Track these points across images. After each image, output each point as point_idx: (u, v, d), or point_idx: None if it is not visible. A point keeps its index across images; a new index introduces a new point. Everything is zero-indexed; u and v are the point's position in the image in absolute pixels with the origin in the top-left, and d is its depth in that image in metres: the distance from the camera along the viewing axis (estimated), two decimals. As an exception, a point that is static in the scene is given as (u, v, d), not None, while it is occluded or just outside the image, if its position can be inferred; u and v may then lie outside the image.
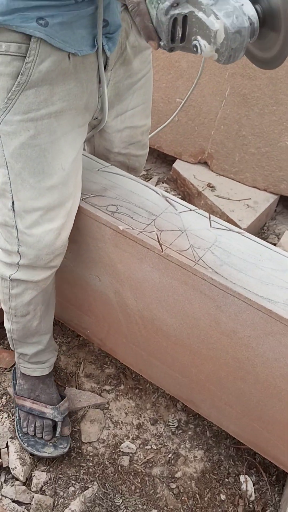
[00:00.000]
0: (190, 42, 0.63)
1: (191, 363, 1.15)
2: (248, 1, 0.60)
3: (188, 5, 0.58)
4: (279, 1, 0.59)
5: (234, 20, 0.58)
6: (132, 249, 1.03)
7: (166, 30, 0.60)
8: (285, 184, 1.93)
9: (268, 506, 1.24)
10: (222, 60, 0.64)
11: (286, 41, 0.61)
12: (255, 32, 0.61)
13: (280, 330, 0.90)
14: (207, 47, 0.61)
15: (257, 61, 0.70)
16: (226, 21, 0.58)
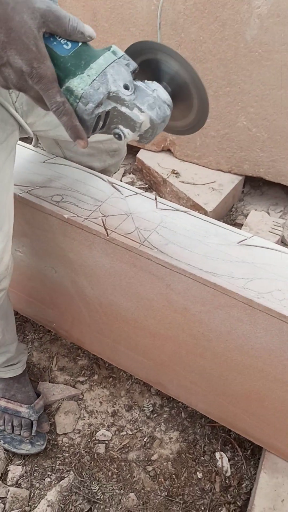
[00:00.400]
0: (110, 130, 0.67)
1: (153, 345, 1.16)
2: (159, 86, 0.64)
3: (110, 102, 0.61)
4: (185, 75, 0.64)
5: (158, 111, 0.63)
6: (79, 237, 1.04)
7: (89, 126, 0.62)
8: (248, 164, 1.94)
9: (244, 480, 1.26)
10: (144, 142, 0.69)
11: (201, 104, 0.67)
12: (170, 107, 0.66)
13: (227, 303, 0.91)
14: (130, 134, 0.66)
15: (177, 131, 0.74)
16: (151, 113, 0.63)
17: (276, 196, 2.14)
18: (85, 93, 0.60)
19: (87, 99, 0.60)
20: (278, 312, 0.84)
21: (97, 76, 0.59)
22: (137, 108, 0.63)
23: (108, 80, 0.60)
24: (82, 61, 0.60)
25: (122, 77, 0.61)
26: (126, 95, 0.62)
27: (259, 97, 1.72)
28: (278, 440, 1.11)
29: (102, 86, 0.60)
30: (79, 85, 0.59)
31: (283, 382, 0.95)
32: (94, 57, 0.61)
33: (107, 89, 0.60)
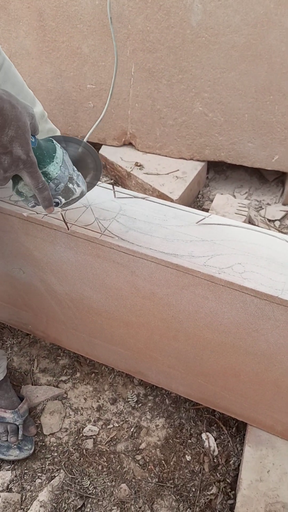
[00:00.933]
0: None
1: (127, 334, 1.17)
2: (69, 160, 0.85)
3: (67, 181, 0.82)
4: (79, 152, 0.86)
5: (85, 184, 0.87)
6: (41, 234, 1.04)
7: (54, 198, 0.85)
8: (209, 150, 1.96)
9: (231, 457, 1.27)
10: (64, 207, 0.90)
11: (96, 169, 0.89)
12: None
13: (190, 282, 0.92)
14: (63, 201, 0.85)
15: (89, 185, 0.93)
16: (83, 187, 0.86)
17: (240, 179, 2.17)
18: (59, 176, 0.79)
19: (59, 180, 0.80)
20: (239, 285, 0.85)
21: (61, 163, 0.79)
22: (76, 185, 0.84)
23: (67, 165, 0.80)
24: (44, 151, 0.78)
25: (69, 162, 0.82)
26: (74, 175, 0.83)
27: (211, 81, 1.74)
28: (258, 413, 1.13)
29: (66, 170, 0.80)
30: (53, 171, 0.78)
31: (254, 355, 0.97)
32: (51, 148, 0.79)
33: (69, 172, 0.81)
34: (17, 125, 0.68)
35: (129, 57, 1.80)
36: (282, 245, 0.92)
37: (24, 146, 0.70)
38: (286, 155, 1.85)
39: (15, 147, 0.69)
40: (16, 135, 0.68)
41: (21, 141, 0.69)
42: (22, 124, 0.69)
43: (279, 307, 0.85)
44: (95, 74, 1.91)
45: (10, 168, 0.72)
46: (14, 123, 0.68)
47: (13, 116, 0.67)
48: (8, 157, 0.70)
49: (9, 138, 0.68)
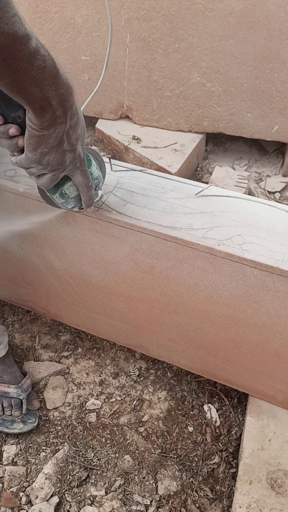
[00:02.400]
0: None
1: (127, 308, 1.17)
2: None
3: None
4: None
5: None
6: (38, 209, 1.03)
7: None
8: (207, 121, 1.93)
9: (233, 427, 1.29)
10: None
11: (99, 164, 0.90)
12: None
13: (190, 255, 0.91)
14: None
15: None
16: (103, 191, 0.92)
17: (240, 151, 2.14)
18: (99, 176, 0.84)
19: (99, 180, 0.84)
20: (239, 256, 0.84)
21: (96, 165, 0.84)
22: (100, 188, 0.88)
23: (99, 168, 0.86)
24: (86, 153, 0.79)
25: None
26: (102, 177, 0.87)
27: (209, 50, 1.70)
28: (259, 383, 1.13)
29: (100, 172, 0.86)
30: (95, 171, 0.83)
31: (255, 326, 0.97)
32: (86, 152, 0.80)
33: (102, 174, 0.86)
34: (83, 124, 0.71)
35: (124, 26, 1.75)
36: (282, 215, 0.91)
37: (83, 144, 0.73)
38: (286, 125, 1.82)
39: (79, 145, 0.71)
40: (81, 133, 0.71)
41: (82, 139, 0.72)
42: (83, 123, 0.71)
43: (279, 278, 0.84)
44: (90, 45, 1.86)
45: (70, 166, 0.73)
46: (81, 122, 0.70)
47: (80, 115, 0.69)
48: (72, 155, 0.71)
49: (77, 136, 0.70)
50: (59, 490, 1.19)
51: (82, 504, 1.17)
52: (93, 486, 1.20)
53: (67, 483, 1.20)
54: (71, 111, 0.65)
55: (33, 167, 0.72)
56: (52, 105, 0.62)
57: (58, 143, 0.67)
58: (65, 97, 0.63)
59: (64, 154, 0.70)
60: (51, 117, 0.63)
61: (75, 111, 0.67)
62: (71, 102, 0.65)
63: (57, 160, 0.70)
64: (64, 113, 0.64)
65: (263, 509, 1.02)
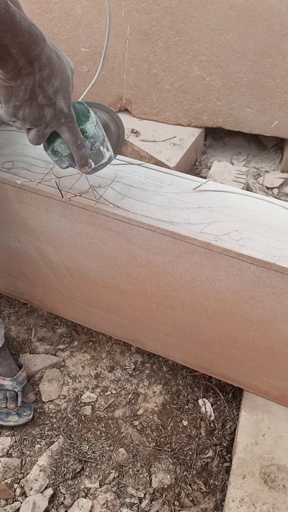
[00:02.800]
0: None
1: (124, 302, 1.17)
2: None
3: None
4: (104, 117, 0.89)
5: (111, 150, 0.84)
6: (36, 202, 1.02)
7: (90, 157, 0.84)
8: (206, 115, 1.92)
9: (227, 422, 1.29)
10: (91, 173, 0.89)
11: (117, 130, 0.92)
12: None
13: (187, 250, 0.91)
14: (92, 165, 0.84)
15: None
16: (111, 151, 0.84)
17: (238, 146, 2.14)
18: (95, 135, 0.78)
19: (95, 138, 0.79)
20: (236, 252, 0.84)
21: (96, 122, 0.78)
22: (106, 148, 0.82)
23: (100, 126, 0.80)
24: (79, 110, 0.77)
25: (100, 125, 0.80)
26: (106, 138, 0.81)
27: (209, 43, 1.69)
28: (254, 378, 1.14)
29: (100, 130, 0.80)
30: (90, 129, 0.77)
31: (251, 321, 0.97)
32: (83, 107, 0.78)
33: (103, 133, 0.80)
34: (62, 77, 0.67)
35: (124, 18, 1.74)
36: (280, 211, 0.91)
37: (67, 99, 0.69)
38: (286, 120, 1.82)
39: (59, 99, 0.68)
40: (60, 87, 0.67)
41: (64, 93, 0.68)
42: (66, 76, 0.68)
43: (276, 274, 0.84)
44: (89, 37, 1.85)
45: (52, 122, 0.70)
46: (60, 74, 0.67)
47: (59, 67, 0.66)
48: (51, 110, 0.69)
49: (54, 89, 0.67)
50: (54, 482, 1.19)
51: (76, 496, 1.17)
52: (87, 479, 1.21)
53: (61, 475, 1.21)
54: (40, 62, 0.62)
55: (14, 121, 0.70)
56: (12, 54, 0.59)
57: (30, 96, 0.65)
58: (27, 46, 0.59)
59: (41, 108, 0.68)
60: (14, 67, 0.60)
61: (47, 62, 0.63)
62: (37, 52, 0.61)
63: (33, 115, 0.68)
64: (29, 63, 0.61)
65: (255, 503, 1.03)
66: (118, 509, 1.15)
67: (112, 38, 1.82)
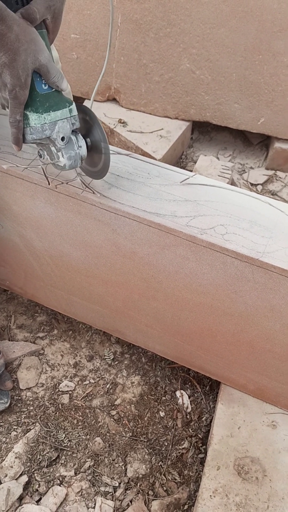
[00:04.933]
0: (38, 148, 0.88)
1: (106, 292, 1.17)
2: (84, 143, 0.88)
3: (47, 140, 0.84)
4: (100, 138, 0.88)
5: (72, 162, 0.87)
6: (21, 187, 1.01)
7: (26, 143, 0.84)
8: (194, 109, 1.92)
9: (203, 414, 1.31)
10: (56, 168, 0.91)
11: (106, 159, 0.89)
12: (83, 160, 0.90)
13: (172, 242, 0.91)
14: (48, 160, 0.88)
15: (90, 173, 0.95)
16: (66, 162, 0.86)
17: (224, 141, 2.15)
18: (34, 127, 0.81)
19: (33, 131, 0.81)
20: (220, 246, 0.85)
21: (49, 123, 0.81)
22: (61, 154, 0.85)
23: (54, 129, 0.82)
24: (47, 103, 0.80)
25: (64, 131, 0.83)
26: (59, 143, 0.84)
27: (200, 37, 1.68)
28: (232, 372, 1.15)
29: (48, 130, 0.82)
30: (34, 120, 0.80)
31: (232, 316, 0.98)
32: (56, 106, 0.81)
33: (49, 134, 0.82)
34: (13, 57, 0.73)
35: (116, 6, 1.72)
36: (265, 207, 0.92)
37: (13, 77, 0.74)
38: (272, 118, 1.83)
39: (5, 73, 0.74)
40: (8, 64, 0.73)
41: (11, 71, 0.73)
42: (19, 59, 0.73)
43: (259, 270, 0.85)
44: (80, 23, 1.83)
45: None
46: (10, 53, 0.72)
47: (12, 47, 0.72)
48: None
49: (1, 62, 0.73)
50: (29, 470, 1.19)
51: (51, 484, 1.17)
52: (62, 467, 1.21)
53: (37, 462, 1.20)
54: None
55: None
56: None
57: None
58: None
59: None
60: None
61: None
62: None
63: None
64: None
65: (229, 494, 1.05)
66: (93, 498, 1.16)
67: (103, 26, 1.80)
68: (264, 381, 1.12)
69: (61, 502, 1.14)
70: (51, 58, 0.79)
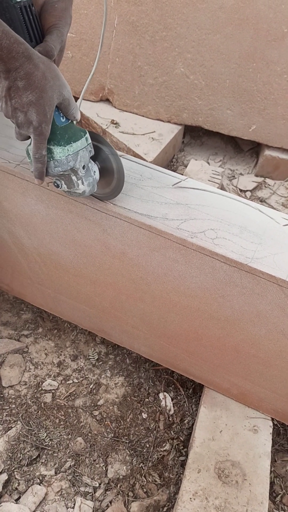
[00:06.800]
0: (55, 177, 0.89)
1: (94, 292, 1.17)
2: (97, 168, 0.90)
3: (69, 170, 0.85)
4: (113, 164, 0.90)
5: (91, 188, 0.89)
6: (13, 184, 1.01)
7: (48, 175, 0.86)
8: (187, 113, 1.93)
9: (186, 417, 1.32)
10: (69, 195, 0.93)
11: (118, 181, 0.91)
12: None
13: (162, 244, 0.92)
14: (65, 188, 0.89)
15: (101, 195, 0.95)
16: (87, 188, 0.88)
17: (215, 146, 2.16)
18: (59, 160, 0.82)
19: (58, 164, 0.83)
20: (210, 251, 0.86)
21: (72, 154, 0.83)
22: (81, 181, 0.87)
23: (77, 159, 0.84)
24: (67, 135, 0.82)
25: (84, 160, 0.86)
26: (81, 172, 0.86)
27: (195, 42, 1.70)
28: (216, 376, 1.16)
29: (72, 161, 0.83)
30: (58, 153, 0.82)
31: (218, 320, 0.99)
32: (75, 136, 0.84)
33: (73, 164, 0.84)
34: (40, 94, 0.74)
35: (113, 7, 1.73)
36: (255, 214, 0.93)
37: (39, 115, 0.75)
38: (264, 125, 1.85)
39: (31, 111, 0.75)
40: (35, 102, 0.74)
41: (38, 109, 0.74)
42: (46, 96, 0.74)
43: (247, 275, 0.86)
44: (76, 23, 1.83)
45: (23, 127, 0.77)
46: (38, 92, 0.73)
47: (39, 85, 0.73)
48: (22, 115, 0.76)
49: (28, 101, 0.74)
50: (9, 468, 1.18)
51: (31, 482, 1.17)
52: (43, 466, 1.20)
53: (17, 461, 1.20)
54: (16, 73, 0.71)
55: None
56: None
57: (5, 95, 0.74)
58: (5, 59, 0.69)
59: (14, 110, 0.76)
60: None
61: (24, 76, 0.71)
62: (14, 66, 0.70)
63: (7, 111, 0.76)
64: (7, 71, 0.71)
65: (208, 497, 1.05)
66: (72, 498, 1.15)
67: (98, 26, 1.80)
68: (248, 386, 1.13)
69: (40, 501, 1.13)
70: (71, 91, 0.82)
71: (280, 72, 1.68)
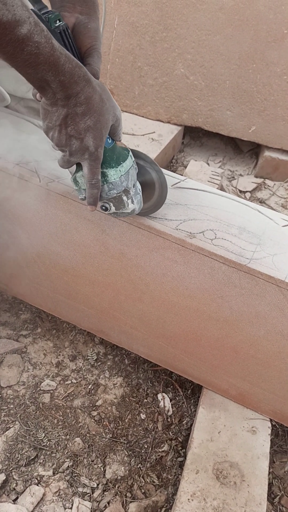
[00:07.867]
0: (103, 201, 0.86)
1: (92, 292, 1.17)
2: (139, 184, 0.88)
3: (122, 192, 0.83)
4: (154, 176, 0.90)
5: (140, 205, 0.88)
6: (12, 184, 1.01)
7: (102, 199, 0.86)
8: (187, 114, 1.93)
9: (184, 417, 1.31)
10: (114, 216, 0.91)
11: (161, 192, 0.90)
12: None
13: (161, 245, 0.92)
14: (113, 210, 0.86)
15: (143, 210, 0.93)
16: (136, 206, 0.86)
17: (215, 147, 2.16)
18: (114, 182, 0.81)
19: (113, 186, 0.82)
20: (209, 251, 0.86)
21: (124, 174, 0.82)
22: (131, 200, 0.85)
23: (128, 178, 0.83)
24: (115, 156, 0.81)
25: (134, 178, 0.85)
26: (132, 191, 0.85)
27: (195, 43, 1.70)
28: (215, 377, 1.16)
29: (125, 182, 0.82)
30: (112, 176, 0.81)
31: (217, 320, 0.99)
32: (122, 156, 0.82)
33: (126, 184, 0.83)
34: (98, 118, 0.72)
35: (113, 8, 1.73)
36: (254, 214, 0.93)
37: (96, 139, 0.73)
38: (263, 126, 1.85)
39: (88, 137, 0.73)
40: (93, 127, 0.72)
41: (95, 133, 0.73)
42: (103, 119, 0.73)
43: (246, 276, 0.86)
44: (76, 23, 1.83)
45: (76, 154, 0.75)
46: (96, 115, 0.71)
47: (97, 108, 0.71)
48: (78, 142, 0.74)
49: (86, 126, 0.72)
50: (7, 468, 1.18)
51: (28, 483, 1.16)
52: (41, 466, 1.20)
53: (15, 461, 1.19)
54: (77, 99, 0.69)
55: (49, 139, 0.76)
56: (52, 88, 0.67)
57: (60, 123, 0.71)
58: (66, 84, 0.67)
59: (69, 138, 0.73)
60: (52, 97, 0.68)
61: (84, 101, 0.69)
62: (75, 91, 0.68)
63: (60, 140, 0.73)
64: (66, 98, 0.68)
65: (206, 498, 1.05)
66: (70, 498, 1.15)
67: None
68: (246, 387, 1.13)
69: (38, 501, 1.13)
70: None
71: (280, 73, 1.68)
